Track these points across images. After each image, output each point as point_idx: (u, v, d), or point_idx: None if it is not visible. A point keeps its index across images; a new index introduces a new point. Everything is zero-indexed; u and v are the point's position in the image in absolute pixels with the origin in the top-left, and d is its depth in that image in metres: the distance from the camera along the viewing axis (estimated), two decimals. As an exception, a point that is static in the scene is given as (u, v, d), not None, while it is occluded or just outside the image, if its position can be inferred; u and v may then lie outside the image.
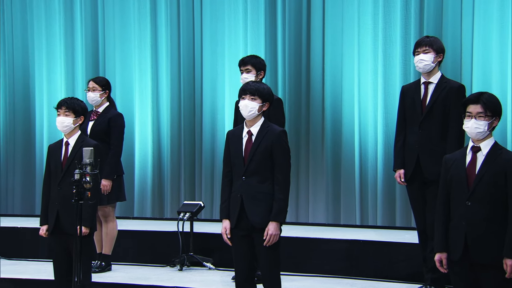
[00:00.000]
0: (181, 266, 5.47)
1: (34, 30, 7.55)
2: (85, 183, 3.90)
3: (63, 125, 4.36)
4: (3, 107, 7.67)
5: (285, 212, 3.89)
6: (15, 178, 7.65)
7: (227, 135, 4.01)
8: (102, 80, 5.52)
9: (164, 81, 7.17)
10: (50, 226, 4.34)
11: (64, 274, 4.31)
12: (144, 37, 7.20)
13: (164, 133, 7.19)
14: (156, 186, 7.20)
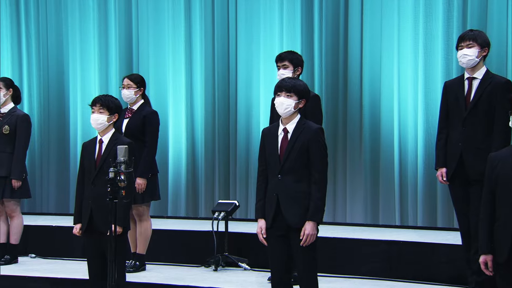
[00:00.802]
0: (216, 267, 5.49)
1: (68, 27, 7.66)
2: (120, 181, 3.93)
3: (97, 123, 4.40)
4: (37, 105, 7.81)
5: (322, 211, 3.86)
6: (49, 176, 7.77)
7: (262, 133, 4.00)
8: (136, 77, 5.57)
9: (198, 78, 7.21)
10: (83, 225, 4.39)
11: (99, 273, 4.35)
12: (178, 33, 7.25)
13: (198, 131, 7.22)
14: (190, 185, 7.24)
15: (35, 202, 7.67)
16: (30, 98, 7.81)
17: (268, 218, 3.88)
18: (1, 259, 5.81)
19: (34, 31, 7.77)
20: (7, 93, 5.93)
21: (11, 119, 5.87)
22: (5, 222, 5.89)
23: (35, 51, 7.78)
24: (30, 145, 6.10)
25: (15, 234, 5.86)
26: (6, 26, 7.82)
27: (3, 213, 5.88)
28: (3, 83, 5.95)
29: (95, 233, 4.35)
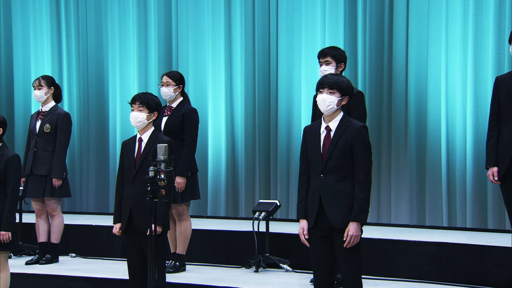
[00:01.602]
0: (257, 268, 5.50)
1: (108, 24, 7.78)
2: (160, 180, 3.95)
3: (136, 121, 4.44)
4: (77, 103, 7.94)
5: (367, 212, 3.83)
6: (89, 175, 7.90)
7: (304, 131, 3.99)
8: (176, 74, 5.60)
9: (239, 74, 7.23)
10: (123, 225, 4.42)
11: (139, 273, 4.39)
12: (218, 29, 7.28)
13: (238, 128, 7.25)
14: (230, 184, 7.27)
15: (75, 201, 7.80)
16: (70, 97, 7.95)
17: (310, 219, 3.86)
18: (42, 258, 5.93)
19: (74, 29, 7.91)
20: (48, 91, 6.03)
21: (52, 118, 5.97)
22: (46, 221, 6.00)
23: (75, 49, 7.91)
24: (70, 143, 6.19)
25: (55, 233, 5.97)
26: (46, 24, 7.99)
27: (44, 212, 5.99)
28: (45, 81, 6.04)
29: (135, 233, 4.38)
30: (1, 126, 4.79)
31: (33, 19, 8.02)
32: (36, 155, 5.94)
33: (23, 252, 6.21)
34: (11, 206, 4.68)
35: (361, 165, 3.80)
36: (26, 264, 5.87)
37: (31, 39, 8.02)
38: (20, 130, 8.00)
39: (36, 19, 8.01)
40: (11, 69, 8.13)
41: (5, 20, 8.14)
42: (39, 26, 8.00)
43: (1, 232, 4.61)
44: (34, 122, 6.04)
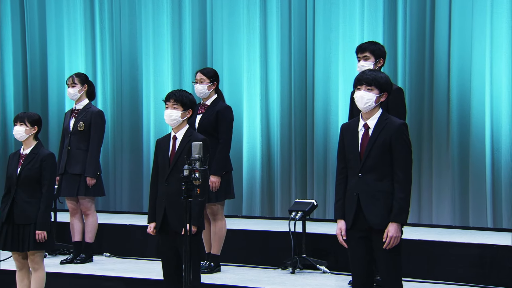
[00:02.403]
0: (293, 269, 5.51)
1: (141, 21, 7.85)
2: (194, 179, 3.99)
3: (171, 119, 4.48)
4: (110, 101, 8.04)
5: (407, 212, 3.81)
6: (123, 173, 7.99)
7: (341, 129, 3.98)
8: (210, 71, 5.63)
9: (274, 71, 7.24)
10: (157, 224, 4.47)
11: (173, 274, 4.45)
12: (253, 24, 7.29)
13: (274, 126, 7.26)
14: (266, 183, 7.28)
15: (108, 200, 7.91)
16: (103, 94, 8.05)
17: (348, 219, 3.86)
18: (76, 258, 6.03)
19: (108, 25, 8.01)
20: (82, 89, 6.12)
21: (85, 116, 6.05)
22: (80, 220, 6.09)
23: (108, 45, 8.02)
24: (103, 142, 6.25)
25: (89, 233, 6.06)
26: (80, 21, 8.11)
27: (78, 211, 6.08)
28: (78, 79, 6.12)
29: (170, 232, 4.44)
30: (37, 125, 4.90)
31: (67, 17, 8.15)
32: (70, 153, 6.03)
33: (58, 252, 6.32)
34: (46, 205, 4.79)
35: (400, 164, 3.79)
36: (61, 264, 5.97)
37: (65, 36, 8.15)
38: (54, 128, 8.14)
39: (70, 17, 8.14)
40: (45, 67, 8.28)
41: (39, 18, 8.30)
42: (73, 23, 8.12)
43: (37, 231, 4.72)
44: (68, 120, 6.13)
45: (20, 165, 4.82)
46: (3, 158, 8.21)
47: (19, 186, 4.80)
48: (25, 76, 8.39)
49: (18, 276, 4.92)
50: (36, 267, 4.82)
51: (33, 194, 4.80)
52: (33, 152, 4.85)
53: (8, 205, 4.79)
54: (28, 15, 8.32)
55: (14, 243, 4.76)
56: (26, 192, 4.79)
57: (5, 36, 8.42)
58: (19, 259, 4.87)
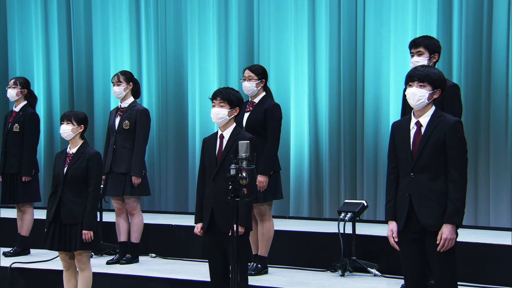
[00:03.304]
0: (343, 272, 5.50)
1: (187, 17, 7.93)
2: (241, 179, 4.01)
3: (218, 117, 4.52)
4: (155, 99, 8.15)
5: (462, 213, 3.78)
6: (168, 173, 8.09)
7: (392, 127, 3.96)
8: (258, 68, 5.64)
9: (323, 67, 7.23)
10: (204, 224, 4.52)
11: (220, 275, 4.49)
12: (301, 19, 7.29)
13: (323, 124, 7.25)
14: (314, 183, 7.28)
15: (154, 200, 8.02)
16: (149, 92, 8.17)
17: (400, 220, 3.84)
18: (122, 258, 6.15)
19: (153, 23, 8.12)
20: (127, 87, 6.22)
21: (131, 114, 6.14)
22: (126, 220, 6.20)
23: (154, 43, 8.13)
24: (149, 140, 6.34)
25: (135, 233, 6.16)
26: (126, 18, 8.24)
27: (124, 211, 6.20)
28: (124, 77, 6.22)
29: (217, 233, 4.48)
30: (83, 123, 5.01)
31: (112, 15, 8.30)
32: (115, 152, 6.13)
33: (104, 252, 6.45)
34: (93, 205, 4.90)
35: (455, 163, 3.75)
36: (107, 264, 6.08)
37: (110, 34, 8.30)
38: (99, 127, 8.30)
39: (115, 14, 8.28)
40: (90, 65, 8.45)
41: (85, 16, 8.47)
42: (118, 21, 8.26)
43: (83, 231, 4.84)
44: (113, 119, 6.23)
45: (66, 164, 4.92)
46: (50, 157, 8.42)
47: (66, 186, 4.90)
48: (71, 75, 8.59)
49: (65, 276, 5.04)
50: (82, 267, 4.93)
51: (79, 194, 4.90)
52: (79, 151, 4.96)
53: (55, 204, 4.91)
54: (74, 14, 8.50)
55: (61, 243, 4.87)
56: (73, 192, 4.89)
57: (52, 35, 8.63)
58: (66, 259, 4.98)
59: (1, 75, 8.86)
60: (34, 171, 6.60)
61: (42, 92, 8.59)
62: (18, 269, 6.05)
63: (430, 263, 3.81)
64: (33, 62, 8.71)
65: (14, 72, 8.63)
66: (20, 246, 6.61)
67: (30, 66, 8.71)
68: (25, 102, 6.68)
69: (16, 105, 6.69)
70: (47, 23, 8.64)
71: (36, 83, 8.56)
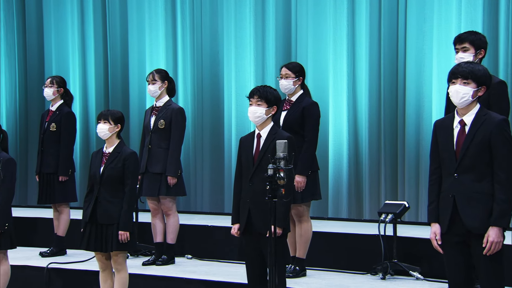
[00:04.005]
0: (384, 275, 5.47)
1: (223, 14, 7.93)
2: (279, 179, 4.00)
3: (255, 116, 4.52)
4: (191, 98, 8.19)
5: (509, 215, 3.72)
6: (204, 173, 8.12)
7: (435, 126, 3.92)
8: (296, 66, 5.64)
9: (363, 64, 7.18)
10: (241, 225, 4.53)
11: (257, 277, 4.49)
12: (340, 15, 7.25)
13: (362, 123, 7.20)
14: (353, 183, 7.24)
15: (189, 200, 8.07)
16: (184, 91, 8.21)
17: (443, 223, 3.81)
18: (158, 259, 6.20)
19: (189, 20, 8.16)
20: (162, 86, 6.26)
21: (166, 113, 6.18)
22: (161, 221, 6.25)
23: (189, 41, 8.17)
24: (184, 140, 6.36)
25: (171, 233, 6.20)
26: (161, 16, 8.29)
27: (160, 212, 6.24)
28: (159, 75, 6.27)
29: (254, 234, 4.49)
30: (120, 122, 5.07)
31: (148, 12, 8.36)
32: (150, 152, 6.18)
33: (140, 253, 6.51)
34: (129, 205, 4.95)
35: (502, 163, 3.70)
36: (143, 265, 6.13)
37: (146, 32, 8.37)
38: (135, 126, 8.37)
39: (151, 12, 8.35)
40: (126, 64, 8.54)
41: (121, 14, 8.56)
42: (154, 19, 8.33)
43: (120, 231, 4.89)
44: (149, 118, 6.28)
45: (103, 164, 4.98)
46: (86, 156, 8.53)
47: (102, 185, 4.96)
48: (106, 73, 8.69)
49: (101, 277, 5.10)
50: (119, 268, 4.98)
51: (115, 194, 4.95)
52: (115, 150, 5.01)
53: (91, 204, 4.97)
54: (110, 12, 8.60)
55: (98, 244, 4.93)
56: (109, 192, 4.95)
57: (88, 33, 8.74)
58: (102, 259, 5.04)
59: (37, 74, 9.01)
60: (70, 171, 6.69)
61: (78, 91, 8.71)
62: (55, 270, 6.15)
63: (475, 267, 3.76)
64: (69, 61, 8.84)
65: (50, 71, 8.77)
66: (56, 246, 6.71)
67: (65, 65, 8.84)
68: (62, 101, 6.78)
69: (53, 104, 6.79)
70: (83, 21, 8.75)
71: (72, 82, 8.68)
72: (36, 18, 9.05)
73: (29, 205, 8.72)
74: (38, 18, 9.04)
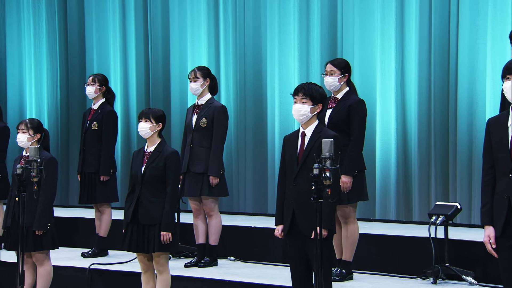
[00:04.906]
0: (435, 279, 5.41)
1: (266, 9, 7.94)
2: (325, 179, 3.99)
3: (299, 114, 4.49)
4: (233, 95, 8.22)
5: None
6: (246, 172, 8.13)
7: (488, 124, 3.87)
8: (341, 62, 5.61)
9: (412, 60, 7.10)
10: (285, 227, 4.51)
11: (302, 281, 4.47)
12: (389, 9, 7.19)
13: (412, 121, 7.13)
14: (401, 183, 7.18)
15: (232, 200, 8.10)
16: (226, 88, 8.24)
17: (498, 225, 3.76)
18: (200, 261, 6.23)
19: (231, 16, 8.18)
20: (204, 83, 6.28)
21: (208, 111, 6.20)
22: (204, 222, 6.27)
23: (232, 37, 8.19)
24: (226, 139, 6.37)
25: (213, 235, 6.21)
26: (204, 12, 8.34)
27: (202, 212, 6.27)
28: (201, 73, 6.29)
29: (298, 236, 4.47)
30: (161, 121, 5.11)
31: (190, 9, 8.41)
32: (192, 151, 6.20)
33: (182, 254, 6.55)
34: (171, 205, 4.98)
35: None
36: (185, 267, 6.17)
37: (187, 29, 8.42)
38: (176, 125, 8.44)
39: (193, 8, 8.39)
40: (167, 61, 8.61)
41: (162, 11, 8.63)
42: (196, 15, 8.37)
43: (162, 232, 4.93)
44: (190, 116, 6.31)
45: (144, 164, 5.03)
46: (127, 156, 8.63)
47: (144, 185, 5.00)
48: (147, 71, 8.78)
49: (143, 279, 5.14)
50: (161, 269, 5.03)
51: (157, 194, 4.99)
52: (157, 150, 5.06)
53: (133, 204, 5.02)
54: (151, 9, 8.68)
55: (140, 244, 4.98)
56: (150, 192, 4.99)
57: (129, 30, 8.84)
58: (144, 261, 5.09)
59: (79, 73, 9.16)
60: (112, 171, 6.77)
61: (119, 89, 8.81)
62: (97, 271, 6.23)
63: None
64: (110, 59, 8.96)
65: (91, 70, 8.90)
66: (98, 247, 6.80)
67: (107, 63, 8.96)
68: (104, 99, 6.86)
69: (95, 103, 6.88)
70: (124, 18, 8.85)
71: (113, 80, 8.79)
72: (77, 16, 9.20)
73: (71, 205, 8.87)
74: (80, 15, 9.18)
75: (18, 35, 9.55)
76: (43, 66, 9.39)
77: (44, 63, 9.38)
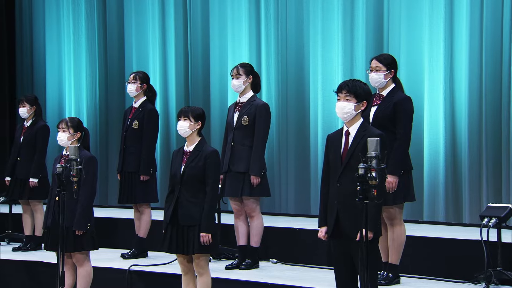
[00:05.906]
0: (487, 284, 5.32)
1: (309, 5, 7.89)
2: (371, 179, 3.95)
3: (343, 112, 4.45)
4: (275, 92, 8.18)
5: None
6: (288, 172, 8.11)
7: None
8: (387, 58, 5.56)
9: (462, 55, 6.99)
10: (329, 228, 4.48)
11: (347, 284, 4.43)
12: (437, 2, 7.09)
13: (462, 119, 7.02)
14: (450, 184, 7.08)
15: (274, 201, 8.08)
16: (268, 86, 8.22)
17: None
18: (242, 263, 6.21)
19: (273, 11, 8.16)
20: (247, 80, 6.27)
21: (250, 109, 6.18)
22: (245, 223, 6.25)
23: (273, 33, 8.16)
24: (268, 137, 6.35)
25: (255, 236, 6.19)
26: (245, 8, 8.33)
27: (243, 213, 6.25)
28: (243, 70, 6.27)
29: (343, 238, 4.43)
30: (200, 119, 5.11)
31: (230, 5, 8.41)
32: (233, 150, 6.20)
33: (222, 256, 6.56)
34: (211, 206, 4.98)
35: None
36: (226, 269, 6.18)
37: (228, 25, 8.42)
38: (216, 123, 8.45)
39: (234, 4, 8.39)
40: (207, 58, 8.63)
41: (202, 7, 8.66)
42: (236, 11, 8.37)
43: (201, 233, 4.92)
44: (232, 114, 6.30)
45: (184, 163, 5.04)
46: (166, 155, 8.67)
47: (183, 185, 5.01)
48: (187, 69, 8.81)
49: (184, 281, 5.16)
50: (201, 271, 5.03)
51: (197, 194, 5.00)
52: (196, 149, 5.06)
53: (172, 205, 5.03)
54: (191, 5, 8.72)
55: (179, 246, 4.99)
56: (190, 192, 5.00)
57: (168, 28, 8.89)
58: (184, 262, 5.10)
59: (118, 71, 9.25)
60: (152, 170, 6.80)
61: (158, 87, 8.85)
62: (137, 272, 6.27)
63: None
64: (149, 57, 9.02)
65: (130, 68, 8.97)
66: (138, 248, 6.84)
67: (146, 61, 9.02)
68: (145, 97, 6.89)
69: (136, 101, 6.92)
70: (164, 16, 8.91)
71: (152, 78, 8.82)
72: (116, 14, 9.29)
73: (110, 205, 8.95)
74: (119, 14, 9.27)
75: (57, 34, 9.69)
76: (82, 65, 9.51)
77: (83, 61, 9.50)
